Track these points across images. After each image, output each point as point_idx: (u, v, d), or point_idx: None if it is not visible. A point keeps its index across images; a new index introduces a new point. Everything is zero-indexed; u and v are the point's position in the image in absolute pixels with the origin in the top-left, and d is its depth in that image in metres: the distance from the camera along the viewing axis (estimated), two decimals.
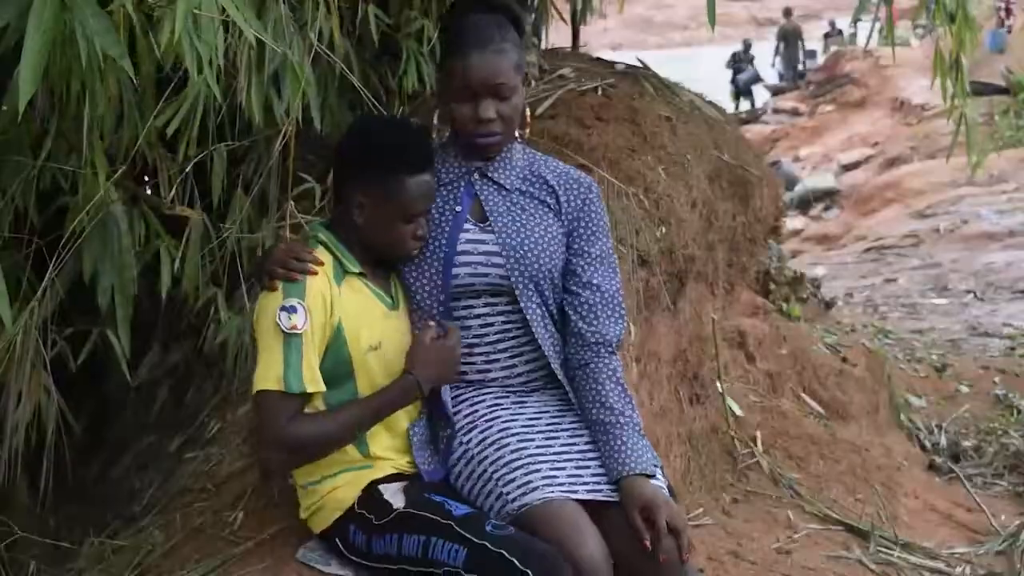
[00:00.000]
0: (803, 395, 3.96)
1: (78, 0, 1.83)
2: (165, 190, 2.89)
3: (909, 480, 3.81)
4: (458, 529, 1.93)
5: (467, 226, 2.16)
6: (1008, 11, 15.21)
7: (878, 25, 3.77)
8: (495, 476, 2.06)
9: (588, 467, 2.08)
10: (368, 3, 3.17)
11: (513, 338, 2.18)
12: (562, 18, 4.84)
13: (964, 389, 4.92)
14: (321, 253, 2.09)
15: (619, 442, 2.06)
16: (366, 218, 2.09)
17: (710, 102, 3.98)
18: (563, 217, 2.20)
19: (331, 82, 3.18)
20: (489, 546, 1.89)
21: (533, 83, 4.10)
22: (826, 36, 22.13)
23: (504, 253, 2.13)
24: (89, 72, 1.98)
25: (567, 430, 2.15)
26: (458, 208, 2.16)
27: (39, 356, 2.61)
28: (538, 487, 2.01)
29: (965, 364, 5.28)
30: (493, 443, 2.10)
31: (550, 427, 2.14)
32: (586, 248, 2.20)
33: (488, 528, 1.93)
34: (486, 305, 2.16)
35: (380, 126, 2.22)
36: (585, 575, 1.91)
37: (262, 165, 3.13)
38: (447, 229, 2.15)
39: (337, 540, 2.13)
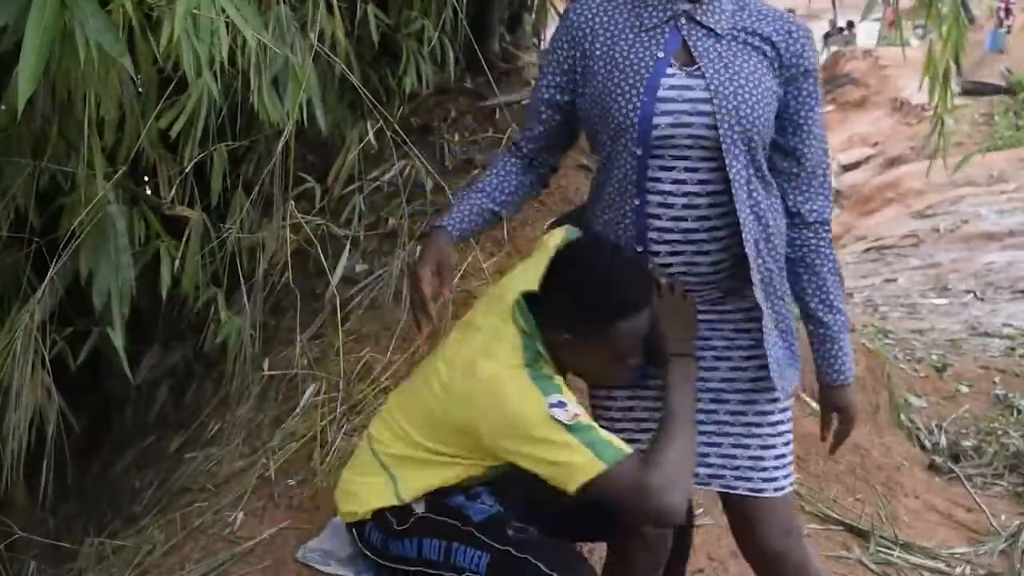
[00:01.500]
0: (803, 395, 3.95)
1: None
2: (165, 190, 2.89)
3: (909, 480, 3.81)
4: (479, 535, 1.91)
5: (670, 70, 1.86)
6: (1008, 11, 15.23)
7: (879, 25, 3.78)
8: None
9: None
10: (368, 3, 3.18)
11: (708, 219, 1.88)
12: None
13: (964, 389, 4.92)
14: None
15: (836, 347, 1.99)
16: (570, 354, 1.91)
17: None
18: (780, 72, 1.90)
19: (331, 82, 3.18)
20: (513, 551, 1.87)
21: (533, 83, 4.10)
22: (826, 36, 22.15)
23: (715, 100, 1.83)
24: (89, 71, 1.98)
25: (704, 380, 1.99)
26: (660, 54, 1.87)
27: (39, 356, 2.61)
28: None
29: (965, 364, 5.28)
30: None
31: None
32: (801, 111, 1.92)
33: (510, 532, 1.91)
34: (686, 171, 1.86)
35: (603, 262, 1.89)
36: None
37: (262, 165, 3.14)
38: (646, 76, 1.85)
39: (353, 531, 2.08)
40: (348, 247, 3.27)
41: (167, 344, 3.64)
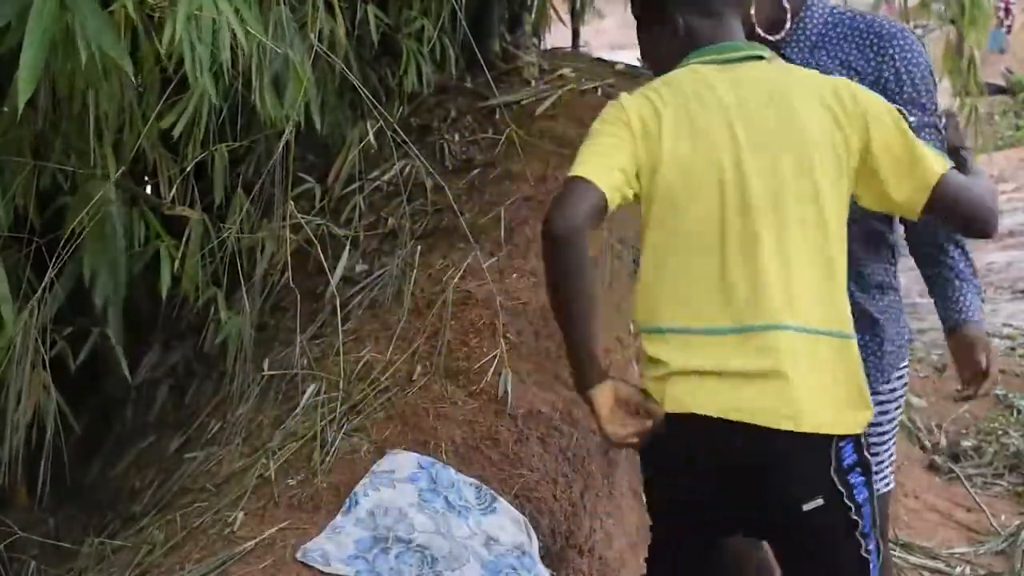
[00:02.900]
0: None
1: (78, 0, 1.83)
2: (165, 190, 2.89)
3: (909, 480, 3.81)
4: (879, 540, 1.76)
5: None
6: (1008, 11, 15.23)
7: None
8: None
9: None
10: (368, 3, 3.18)
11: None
12: (560, 19, 4.86)
13: None
14: None
15: (957, 294, 2.11)
16: (685, 33, 1.86)
17: None
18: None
19: (331, 82, 3.18)
20: None
21: (533, 83, 4.11)
22: None
23: None
24: (91, 72, 1.98)
25: None
26: None
27: (39, 356, 2.61)
28: None
29: None
30: None
31: None
32: None
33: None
34: None
35: None
36: None
37: (262, 165, 3.14)
38: None
39: (833, 445, 1.70)
40: (348, 247, 3.27)
41: (167, 344, 3.64)
